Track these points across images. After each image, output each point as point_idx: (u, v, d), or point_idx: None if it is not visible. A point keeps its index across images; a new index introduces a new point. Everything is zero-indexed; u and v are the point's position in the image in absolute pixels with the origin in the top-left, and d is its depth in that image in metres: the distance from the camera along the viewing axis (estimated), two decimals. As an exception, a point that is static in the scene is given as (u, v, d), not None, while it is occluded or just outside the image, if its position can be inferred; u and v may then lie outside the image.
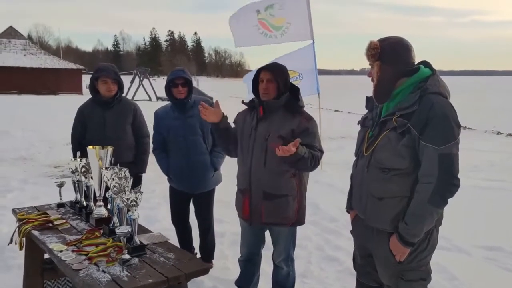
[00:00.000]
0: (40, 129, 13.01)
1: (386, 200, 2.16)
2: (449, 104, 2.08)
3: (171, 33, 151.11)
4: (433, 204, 2.03)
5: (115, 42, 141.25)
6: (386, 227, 2.20)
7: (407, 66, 2.14)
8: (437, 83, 2.11)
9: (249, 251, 3.13)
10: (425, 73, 2.14)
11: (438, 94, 2.07)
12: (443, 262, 4.00)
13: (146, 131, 3.99)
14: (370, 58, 2.15)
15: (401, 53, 2.14)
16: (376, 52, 2.12)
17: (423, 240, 2.16)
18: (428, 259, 2.23)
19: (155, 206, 5.59)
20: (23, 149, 10.17)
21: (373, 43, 2.13)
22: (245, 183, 2.89)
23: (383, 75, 2.13)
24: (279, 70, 2.86)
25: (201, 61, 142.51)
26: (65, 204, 3.29)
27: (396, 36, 2.18)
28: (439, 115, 2.00)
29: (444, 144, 1.98)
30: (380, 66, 2.13)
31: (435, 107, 2.02)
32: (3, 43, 38.27)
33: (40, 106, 21.90)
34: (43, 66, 37.50)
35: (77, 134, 3.86)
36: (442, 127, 1.99)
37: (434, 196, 2.01)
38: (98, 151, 2.77)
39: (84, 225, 2.86)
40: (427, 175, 2.03)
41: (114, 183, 2.47)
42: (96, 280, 2.09)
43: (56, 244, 2.53)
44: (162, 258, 2.33)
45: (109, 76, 3.69)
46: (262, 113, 2.83)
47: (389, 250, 2.20)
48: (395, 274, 2.21)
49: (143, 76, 31.16)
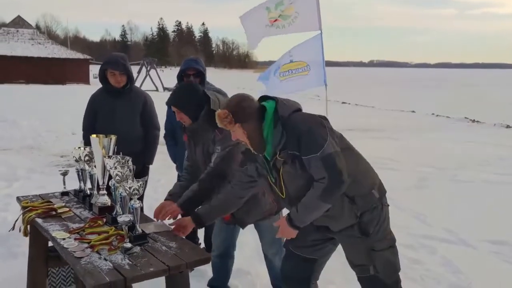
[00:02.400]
0: (47, 118, 13.06)
1: (331, 208, 2.30)
2: (303, 115, 2.32)
3: (178, 23, 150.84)
4: (322, 200, 2.22)
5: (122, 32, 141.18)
6: (351, 222, 2.34)
7: (258, 113, 2.31)
8: (285, 106, 2.31)
9: (225, 243, 3.11)
10: (271, 106, 2.32)
11: (291, 114, 2.29)
12: (448, 255, 3.99)
13: (155, 123, 3.94)
14: (228, 125, 2.31)
15: (248, 107, 2.31)
16: (230, 119, 2.28)
17: (380, 210, 2.36)
18: (388, 228, 2.43)
19: (160, 197, 5.58)
20: (30, 138, 10.23)
21: (222, 113, 2.29)
22: None
23: (249, 132, 2.30)
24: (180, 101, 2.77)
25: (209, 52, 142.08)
26: (69, 192, 3.29)
27: (233, 95, 2.41)
28: (303, 130, 2.22)
29: (320, 149, 2.17)
30: (242, 126, 2.29)
31: (296, 126, 2.24)
32: (11, 33, 38.36)
33: (47, 95, 22.00)
34: (51, 56, 37.56)
35: (88, 122, 3.85)
36: (310, 137, 2.20)
37: (324, 193, 2.20)
38: (101, 140, 2.77)
39: (87, 214, 2.86)
40: (320, 179, 2.21)
41: (116, 171, 2.46)
42: (98, 268, 2.08)
43: (59, 232, 2.53)
44: (164, 247, 2.33)
45: (117, 68, 3.65)
46: (185, 139, 2.92)
47: (357, 232, 2.34)
48: (366, 249, 2.35)
49: (150, 66, 31.19)
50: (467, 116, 15.83)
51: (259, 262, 3.54)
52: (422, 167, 7.66)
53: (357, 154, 2.43)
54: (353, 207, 2.30)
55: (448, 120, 15.60)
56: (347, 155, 2.29)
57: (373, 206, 2.34)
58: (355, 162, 2.36)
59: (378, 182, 2.42)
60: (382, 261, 2.37)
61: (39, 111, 14.80)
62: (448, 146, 9.91)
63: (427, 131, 12.55)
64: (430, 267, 3.76)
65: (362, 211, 2.32)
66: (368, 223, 2.32)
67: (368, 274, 2.39)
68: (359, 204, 2.31)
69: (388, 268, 2.39)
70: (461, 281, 3.51)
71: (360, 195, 2.31)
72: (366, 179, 2.37)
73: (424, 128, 13.28)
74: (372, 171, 2.44)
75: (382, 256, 2.37)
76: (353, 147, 2.43)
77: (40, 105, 16.77)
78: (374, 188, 2.36)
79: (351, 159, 2.32)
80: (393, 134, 11.87)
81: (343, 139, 2.38)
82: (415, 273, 3.65)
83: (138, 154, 3.49)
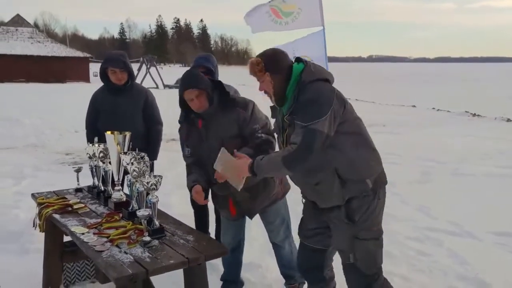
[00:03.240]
0: (49, 116, 13.07)
1: (321, 184, 2.35)
2: (320, 86, 2.30)
3: (177, 20, 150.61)
4: (283, 163, 2.24)
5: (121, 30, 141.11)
6: (336, 203, 2.37)
7: (288, 70, 2.38)
8: (310, 72, 2.32)
9: (235, 238, 3.16)
10: (298, 68, 2.37)
11: (313, 81, 2.30)
12: (454, 247, 4.05)
13: (158, 118, 3.96)
14: (258, 73, 2.38)
15: (281, 59, 2.39)
16: (261, 66, 2.35)
17: (371, 200, 2.35)
18: (379, 219, 2.43)
19: (168, 192, 5.65)
20: (33, 136, 10.27)
21: (255, 60, 2.37)
22: (224, 190, 2.83)
23: (275, 83, 2.37)
24: (198, 80, 2.75)
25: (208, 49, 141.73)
26: (83, 189, 3.35)
27: (269, 48, 2.49)
28: (309, 99, 2.25)
29: (310, 121, 2.19)
30: (271, 76, 2.36)
31: (307, 93, 2.27)
32: (10, 31, 38.33)
33: (47, 94, 21.97)
34: (50, 54, 37.55)
35: (91, 120, 3.88)
36: (310, 107, 2.23)
37: (288, 157, 2.23)
38: (116, 137, 2.82)
39: (103, 209, 2.92)
40: (293, 143, 2.24)
41: (133, 167, 2.52)
42: (119, 261, 2.14)
43: (77, 227, 2.58)
44: (181, 240, 2.39)
45: (117, 66, 3.68)
46: (200, 126, 2.81)
47: (343, 216, 2.35)
48: (351, 235, 2.38)
49: (150, 64, 31.17)
50: (467, 110, 15.87)
51: (269, 255, 3.60)
52: (424, 161, 7.71)
53: (364, 141, 2.39)
54: (343, 190, 2.31)
55: (449, 115, 15.64)
56: (350, 139, 2.31)
57: (364, 195, 2.33)
58: (358, 148, 2.34)
59: (377, 174, 2.40)
60: (362, 251, 2.38)
61: (41, 109, 14.80)
62: (449, 140, 9.96)
63: (428, 125, 12.60)
64: (437, 259, 3.83)
65: (350, 196, 2.33)
66: (355, 210, 2.33)
67: (348, 261, 2.43)
68: (349, 189, 2.31)
69: (368, 259, 2.40)
70: (468, 272, 3.57)
71: (353, 181, 2.31)
72: (364, 167, 2.35)
73: (425, 122, 13.32)
74: (375, 162, 2.41)
75: (364, 245, 2.38)
76: (365, 134, 2.41)
77: (41, 103, 16.77)
78: (370, 178, 2.34)
79: (354, 144, 2.33)
80: (394, 128, 11.91)
81: (356, 124, 2.38)
82: (423, 264, 3.72)
83: (141, 151, 3.53)
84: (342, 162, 2.30)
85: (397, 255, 3.86)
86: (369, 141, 2.43)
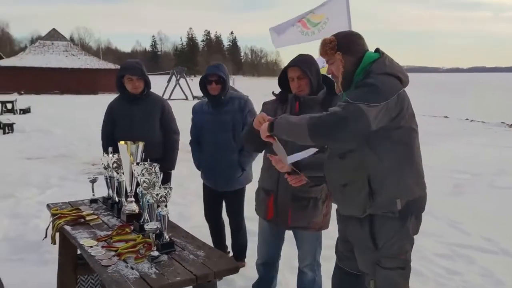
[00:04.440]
0: (79, 127, 13.35)
1: (349, 186, 2.17)
2: (390, 80, 2.09)
3: (207, 33, 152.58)
4: (309, 128, 2.02)
5: (153, 42, 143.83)
6: (356, 213, 2.19)
7: (361, 55, 2.19)
8: (382, 65, 2.14)
9: (269, 253, 3.01)
10: (372, 57, 2.18)
11: (382, 74, 2.09)
12: (488, 265, 3.81)
13: (174, 127, 3.92)
14: (329, 52, 2.20)
15: (356, 42, 2.22)
16: (334, 45, 2.19)
17: (398, 226, 2.13)
18: (407, 248, 2.19)
19: (189, 203, 5.59)
20: (63, 147, 10.46)
21: (329, 38, 2.21)
22: (273, 184, 2.75)
23: (346, 65, 2.18)
24: (307, 64, 2.66)
25: (237, 60, 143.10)
26: (98, 200, 3.30)
27: (345, 30, 2.32)
28: (369, 82, 2.05)
29: (358, 100, 1.98)
30: (342, 56, 2.18)
31: (371, 78, 2.07)
32: (47, 45, 39.75)
33: (80, 105, 22.54)
34: (83, 67, 38.68)
35: (107, 130, 3.87)
36: (365, 89, 2.03)
37: (316, 122, 2.01)
38: (129, 147, 2.75)
39: (116, 221, 2.84)
40: (329, 111, 2.03)
41: (144, 178, 2.44)
42: (124, 276, 2.05)
43: (87, 239, 2.52)
44: (191, 256, 2.28)
45: (134, 73, 3.67)
46: (298, 109, 2.66)
47: (366, 237, 2.17)
48: (372, 260, 2.19)
49: (179, 75, 31.57)
50: (503, 121, 15.29)
51: (289, 272, 3.46)
52: (457, 173, 7.41)
53: (410, 157, 2.15)
54: (368, 201, 2.10)
55: (483, 125, 15.11)
56: (396, 150, 2.09)
57: (388, 216, 2.11)
58: (400, 162, 2.11)
59: (413, 198, 2.14)
60: (385, 280, 2.17)
61: (72, 120, 15.15)
62: (484, 151, 9.58)
63: (461, 136, 12.18)
64: (469, 278, 3.59)
65: (374, 212, 2.13)
66: (378, 232, 2.14)
67: (368, 286, 2.23)
68: (375, 202, 2.10)
69: None
70: (503, 293, 3.33)
71: (382, 194, 2.09)
72: (398, 184, 2.10)
73: (458, 133, 12.90)
74: (415, 184, 2.16)
75: (387, 275, 2.16)
76: (414, 150, 2.16)
77: (73, 114, 17.18)
78: (401, 198, 2.10)
79: (398, 156, 2.10)
80: (426, 139, 11.51)
81: (408, 135, 2.13)
82: (453, 284, 3.50)
83: (158, 160, 3.46)
84: (378, 171, 2.09)
85: (425, 273, 3.65)
86: (417, 160, 2.18)
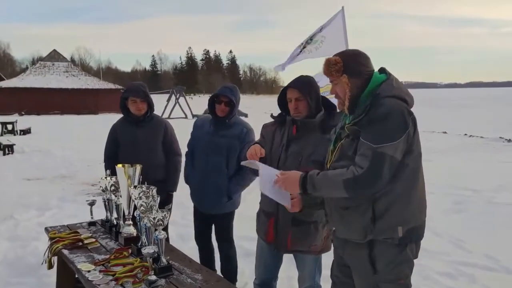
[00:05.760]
0: (79, 147, 13.35)
1: (351, 209, 2.12)
2: (399, 105, 2.05)
3: (206, 52, 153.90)
4: (345, 186, 2.01)
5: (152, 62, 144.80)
6: (356, 238, 2.14)
7: (368, 76, 2.15)
8: (390, 87, 2.10)
9: (267, 274, 2.96)
10: (379, 79, 2.14)
11: (391, 97, 2.07)
12: (490, 284, 3.77)
13: (177, 149, 3.92)
14: (334, 74, 2.14)
15: (363, 63, 2.16)
16: (340, 66, 2.12)
17: (400, 252, 2.09)
18: (407, 272, 2.14)
19: (188, 223, 5.53)
20: (63, 167, 10.44)
21: (334, 59, 2.14)
22: (272, 206, 2.67)
23: (352, 87, 2.12)
24: (307, 86, 2.62)
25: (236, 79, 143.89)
26: (96, 222, 3.29)
27: (351, 49, 2.22)
28: (381, 115, 2.01)
29: (380, 143, 1.96)
30: (348, 79, 2.12)
31: (381, 108, 2.02)
32: (47, 66, 40.01)
33: (80, 125, 22.59)
34: (84, 87, 38.85)
35: (110, 151, 3.88)
36: (382, 126, 1.99)
37: (352, 181, 2.00)
38: (127, 169, 2.76)
39: (113, 244, 2.83)
40: (358, 166, 2.01)
41: (141, 202, 2.43)
42: (121, 302, 2.03)
43: (84, 263, 2.50)
44: (189, 279, 2.26)
45: (138, 96, 3.70)
46: (295, 132, 2.64)
47: (365, 261, 2.12)
48: (372, 284, 2.14)
49: (179, 94, 31.74)
50: (502, 136, 15.31)
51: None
52: (457, 190, 7.38)
53: (420, 182, 2.13)
54: (370, 226, 2.06)
55: (482, 140, 15.13)
56: (407, 175, 2.06)
57: (390, 243, 2.07)
58: (409, 187, 2.08)
59: (414, 225, 2.11)
60: None
61: (72, 140, 15.16)
62: (484, 167, 9.57)
63: (461, 151, 12.18)
64: (471, 297, 3.56)
65: (374, 238, 2.08)
66: (379, 258, 2.10)
67: None
68: (377, 229, 2.06)
69: None
70: (506, 313, 3.29)
71: (384, 220, 2.05)
72: (404, 210, 2.07)
73: (457, 149, 12.90)
74: (418, 210, 2.13)
75: None
76: (419, 173, 2.14)
77: (73, 135, 17.20)
78: (403, 226, 2.06)
79: (408, 181, 2.07)
80: (425, 155, 11.38)
81: (417, 159, 2.12)
82: (455, 303, 3.45)
83: (161, 182, 3.46)
84: (387, 197, 2.04)
85: (428, 293, 3.60)
86: (421, 185, 2.16)
